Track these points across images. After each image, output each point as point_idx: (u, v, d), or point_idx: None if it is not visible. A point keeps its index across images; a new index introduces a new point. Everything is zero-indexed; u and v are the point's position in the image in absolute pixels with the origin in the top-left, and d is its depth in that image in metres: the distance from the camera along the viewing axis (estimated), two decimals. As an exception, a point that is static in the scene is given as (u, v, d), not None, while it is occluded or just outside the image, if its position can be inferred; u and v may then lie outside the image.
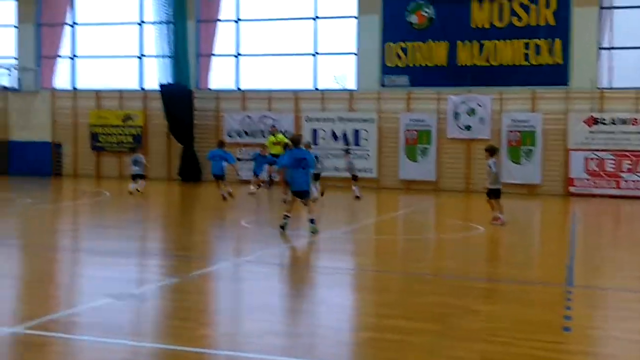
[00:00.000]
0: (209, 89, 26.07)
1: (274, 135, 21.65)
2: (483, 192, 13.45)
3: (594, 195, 20.95)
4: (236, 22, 26.01)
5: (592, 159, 21.34)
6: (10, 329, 5.00)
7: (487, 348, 4.89)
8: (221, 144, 18.73)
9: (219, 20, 26.25)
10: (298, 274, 8.14)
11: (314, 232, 10.49)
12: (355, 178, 18.66)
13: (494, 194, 12.99)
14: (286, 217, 10.64)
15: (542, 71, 22.25)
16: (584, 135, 21.52)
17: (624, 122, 21.26)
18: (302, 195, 10.83)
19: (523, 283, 7.47)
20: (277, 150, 20.57)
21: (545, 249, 10.98)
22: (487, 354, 4.77)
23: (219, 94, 25.71)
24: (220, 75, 26.38)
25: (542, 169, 22.08)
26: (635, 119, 21.19)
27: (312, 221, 10.58)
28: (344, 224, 13.26)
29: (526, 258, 9.69)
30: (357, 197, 17.86)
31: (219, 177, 17.31)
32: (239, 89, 25.83)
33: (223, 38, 26.25)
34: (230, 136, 25.07)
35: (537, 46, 22.30)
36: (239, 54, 26.03)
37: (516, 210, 18.24)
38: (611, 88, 22.04)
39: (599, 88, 21.83)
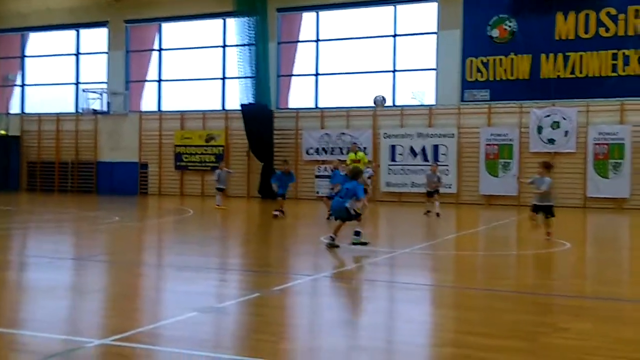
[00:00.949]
0: (289, 108, 26.49)
1: (355, 153, 21.43)
2: (568, 207, 12.98)
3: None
4: (316, 42, 26.37)
5: (686, 171, 20.41)
6: (99, 340, 5.18)
7: (575, 367, 4.71)
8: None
9: (299, 41, 26.72)
10: (377, 289, 8.09)
11: (354, 243, 10.83)
12: (437, 193, 18.28)
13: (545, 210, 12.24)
14: (332, 238, 10.88)
15: (631, 82, 21.58)
16: (676, 147, 20.62)
17: None
18: (341, 219, 11.13)
19: (614, 300, 7.17)
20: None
21: (635, 265, 10.50)
22: (575, 372, 4.61)
23: (298, 113, 26.07)
24: (299, 94, 26.80)
25: (631, 182, 21.26)
26: None
27: (356, 233, 10.97)
28: (423, 240, 13.11)
29: (616, 274, 9.30)
30: (437, 214, 17.57)
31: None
32: (317, 107, 26.12)
33: (303, 58, 26.67)
34: (308, 154, 25.36)
35: (626, 56, 21.62)
36: (318, 74, 26.35)
37: (605, 225, 17.56)
38: None
39: (692, 97, 20.89)
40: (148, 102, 29.31)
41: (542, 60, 22.67)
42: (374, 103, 21.13)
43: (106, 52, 29.58)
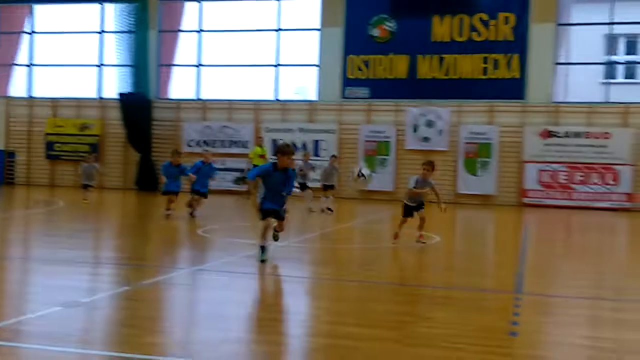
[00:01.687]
0: (169, 99, 25.93)
1: (260, 147, 20.92)
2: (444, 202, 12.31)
3: (546, 206, 21.43)
4: (198, 32, 25.97)
5: (545, 170, 21.87)
6: (-47, 337, 4.86)
7: (436, 353, 4.94)
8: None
9: (181, 30, 26.20)
10: (252, 282, 8.10)
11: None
12: (330, 188, 17.99)
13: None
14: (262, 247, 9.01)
15: (500, 85, 22.73)
16: (538, 147, 22.04)
17: (577, 135, 21.83)
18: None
19: (476, 291, 7.57)
20: (260, 162, 20.04)
21: (498, 257, 11.15)
22: (434, 358, 4.82)
23: (179, 104, 25.59)
24: (180, 85, 26.29)
25: (497, 180, 22.50)
26: (588, 132, 21.76)
27: (262, 248, 9.00)
28: (300, 233, 13.26)
29: (479, 266, 9.83)
30: (330, 210, 17.29)
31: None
32: (199, 98, 25.75)
33: (185, 48, 26.18)
34: (189, 146, 24.94)
35: (496, 61, 22.77)
36: (200, 65, 25.97)
37: (471, 220, 18.51)
38: (565, 102, 22.62)
39: (554, 102, 22.37)
40: (17, 87, 27.70)
41: (419, 61, 23.50)
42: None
43: (-29, 33, 27.68)
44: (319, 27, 24.59)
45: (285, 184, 8.94)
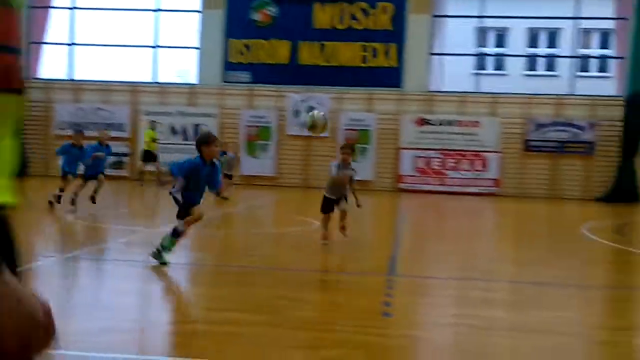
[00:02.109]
0: (39, 79, 24.62)
1: (153, 130, 20.66)
2: (321, 188, 11.77)
3: (421, 191, 22.32)
4: (71, 9, 24.79)
5: (420, 157, 22.74)
6: None
7: (312, 335, 5.04)
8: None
9: (52, 6, 24.90)
10: (130, 269, 7.89)
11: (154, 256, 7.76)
12: (229, 177, 17.66)
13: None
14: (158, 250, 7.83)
15: (378, 73, 23.30)
16: (414, 135, 22.86)
17: (449, 123, 22.83)
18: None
19: (353, 274, 7.78)
20: (153, 147, 19.76)
21: (375, 241, 11.49)
22: (311, 341, 4.93)
23: (50, 84, 24.35)
24: (52, 65, 25.04)
25: (374, 166, 23.14)
26: (460, 121, 22.82)
27: (163, 246, 7.90)
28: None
29: (356, 250, 10.08)
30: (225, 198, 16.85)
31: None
32: (71, 79, 24.63)
33: (56, 25, 24.93)
34: (61, 129, 23.83)
35: (375, 49, 23.29)
36: (73, 43, 24.82)
37: (349, 205, 18.93)
38: (439, 91, 23.55)
39: (429, 91, 23.23)
40: None
41: (301, 47, 23.64)
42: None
43: None
44: (199, 9, 24.13)
45: (210, 178, 7.80)
